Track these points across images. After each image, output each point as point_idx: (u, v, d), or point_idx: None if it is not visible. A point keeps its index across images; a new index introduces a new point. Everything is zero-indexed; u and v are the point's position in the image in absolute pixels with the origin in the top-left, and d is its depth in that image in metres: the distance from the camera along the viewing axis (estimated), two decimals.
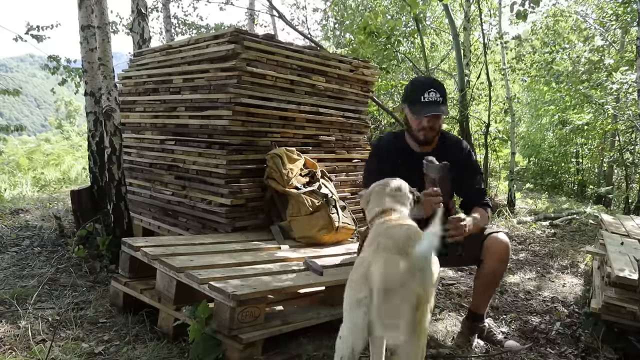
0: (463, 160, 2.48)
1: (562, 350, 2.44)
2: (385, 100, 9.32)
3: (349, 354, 1.42)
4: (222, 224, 3.17)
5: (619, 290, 2.37)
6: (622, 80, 6.91)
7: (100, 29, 3.35)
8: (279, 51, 3.44)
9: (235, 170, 3.22)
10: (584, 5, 11.67)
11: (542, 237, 5.19)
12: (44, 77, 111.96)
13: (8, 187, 7.56)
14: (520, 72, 8.98)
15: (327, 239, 3.14)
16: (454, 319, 2.78)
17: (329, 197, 3.24)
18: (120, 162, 3.36)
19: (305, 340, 2.33)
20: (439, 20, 11.65)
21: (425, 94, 2.30)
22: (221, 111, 3.25)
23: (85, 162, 8.20)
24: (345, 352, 1.43)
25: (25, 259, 3.48)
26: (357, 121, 4.08)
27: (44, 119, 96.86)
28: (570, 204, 9.24)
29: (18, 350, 2.13)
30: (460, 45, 7.63)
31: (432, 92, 2.31)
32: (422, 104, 2.31)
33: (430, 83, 2.39)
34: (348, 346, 1.42)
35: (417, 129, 2.37)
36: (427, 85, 2.34)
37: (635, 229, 3.65)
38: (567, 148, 13.36)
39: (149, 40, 5.42)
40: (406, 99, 2.40)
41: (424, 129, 2.36)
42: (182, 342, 2.25)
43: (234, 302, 2.04)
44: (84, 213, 3.77)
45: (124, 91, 4.21)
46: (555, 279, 3.72)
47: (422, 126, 2.36)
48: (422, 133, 2.38)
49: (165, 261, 2.34)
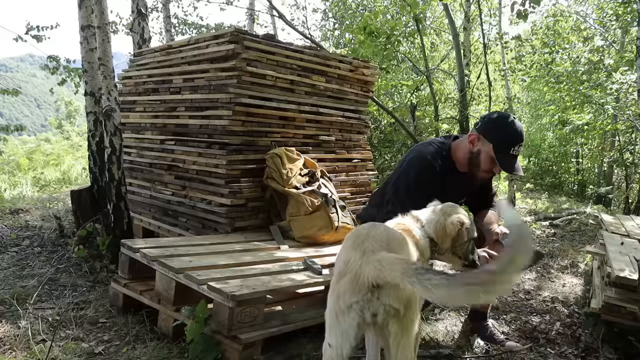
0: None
1: (562, 350, 2.44)
2: (385, 100, 9.32)
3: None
4: (222, 224, 3.17)
5: (619, 290, 2.37)
6: (622, 80, 6.90)
7: (100, 29, 3.36)
8: (279, 51, 3.44)
9: (235, 170, 3.22)
10: (584, 5, 11.67)
11: (542, 237, 5.19)
12: (44, 77, 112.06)
13: (8, 187, 7.56)
14: (520, 72, 8.98)
15: (327, 238, 3.14)
16: (454, 319, 2.78)
17: (329, 197, 3.23)
18: (120, 162, 3.36)
19: (305, 340, 2.33)
20: (439, 20, 11.65)
21: (516, 146, 2.20)
22: (221, 111, 3.25)
23: (85, 162, 8.19)
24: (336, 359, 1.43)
25: (25, 259, 3.48)
26: (357, 121, 4.08)
27: (44, 119, 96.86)
28: (570, 204, 9.23)
29: (18, 350, 2.13)
30: (460, 45, 7.64)
31: (520, 147, 2.23)
32: (510, 156, 2.20)
33: (521, 137, 2.24)
34: (339, 354, 1.41)
35: (486, 170, 2.27)
36: (519, 138, 2.23)
37: (635, 229, 3.65)
38: (567, 148, 13.35)
39: (149, 40, 5.42)
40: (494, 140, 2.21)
41: (492, 174, 2.30)
42: (182, 343, 2.25)
43: (233, 302, 2.04)
44: (84, 213, 3.77)
45: (124, 91, 4.21)
46: (555, 279, 3.72)
47: (492, 171, 2.28)
48: (485, 175, 2.31)
49: (165, 262, 2.34)
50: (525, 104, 15.18)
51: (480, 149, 2.24)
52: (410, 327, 1.41)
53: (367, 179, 4.11)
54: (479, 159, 2.25)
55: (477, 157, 2.25)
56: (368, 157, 4.20)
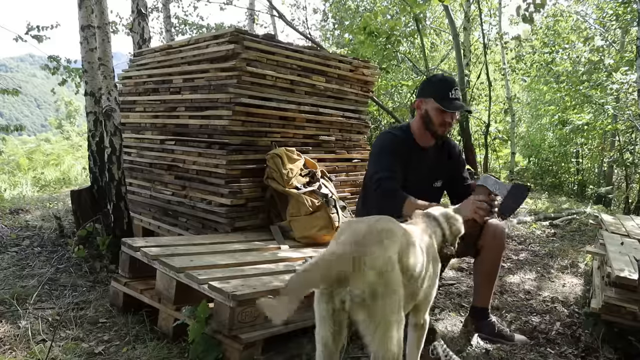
0: (458, 155, 2.68)
1: (562, 350, 2.44)
2: (385, 100, 9.33)
3: (321, 349, 1.49)
4: (222, 224, 3.17)
5: (619, 290, 2.37)
6: (622, 80, 6.91)
7: (100, 29, 3.36)
8: (279, 51, 3.44)
9: (235, 170, 3.22)
10: (584, 5, 11.67)
11: (542, 237, 5.19)
12: (44, 77, 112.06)
13: (8, 187, 7.56)
14: (520, 72, 8.99)
15: (327, 239, 3.13)
16: (454, 319, 2.78)
17: (329, 197, 3.24)
18: (120, 162, 3.36)
19: (305, 340, 2.33)
20: (439, 20, 11.65)
21: (452, 90, 2.39)
22: (221, 111, 3.25)
23: (85, 162, 8.20)
24: (318, 345, 1.50)
25: (25, 259, 3.48)
26: (357, 121, 4.08)
27: (44, 119, 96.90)
28: (570, 204, 9.22)
29: (18, 350, 2.13)
30: (460, 45, 7.64)
31: (457, 90, 2.42)
32: (450, 99, 2.38)
33: (453, 81, 2.48)
34: (319, 339, 1.49)
35: (440, 123, 2.43)
36: (453, 83, 2.45)
37: (635, 229, 3.65)
38: (567, 148, 13.36)
39: (149, 40, 5.42)
40: (431, 94, 2.42)
41: (447, 124, 2.45)
42: (182, 342, 2.25)
43: (234, 302, 2.04)
44: (84, 213, 3.77)
45: (124, 91, 4.21)
46: (555, 279, 3.72)
47: (446, 121, 2.43)
48: (442, 128, 2.45)
49: (165, 261, 2.34)
50: (525, 104, 15.18)
51: (426, 108, 2.45)
52: (383, 319, 1.42)
53: None
54: (429, 116, 2.44)
55: (427, 116, 2.45)
56: (368, 157, 4.20)
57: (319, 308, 1.46)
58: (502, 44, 8.21)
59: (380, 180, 2.29)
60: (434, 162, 2.57)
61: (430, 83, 2.56)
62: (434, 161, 2.57)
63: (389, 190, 2.25)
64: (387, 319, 1.44)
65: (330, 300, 1.42)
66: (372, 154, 2.53)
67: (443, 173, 2.61)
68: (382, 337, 1.43)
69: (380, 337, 1.43)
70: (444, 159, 2.62)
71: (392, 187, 2.26)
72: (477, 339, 2.47)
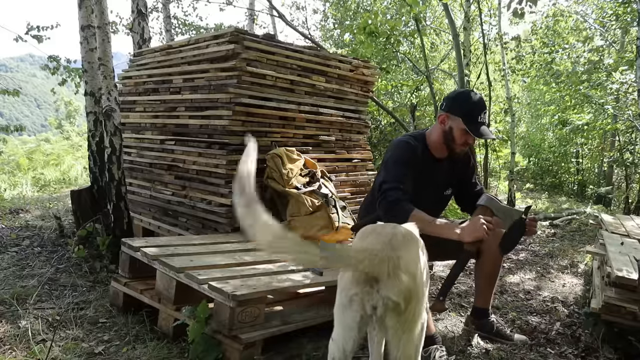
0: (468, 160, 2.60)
1: (562, 350, 2.44)
2: (385, 100, 9.33)
3: (340, 355, 1.44)
4: (222, 224, 3.17)
5: (619, 290, 2.37)
6: (622, 80, 6.90)
7: (100, 29, 3.36)
8: (279, 51, 3.44)
9: (235, 170, 3.21)
10: (584, 5, 11.67)
11: (542, 237, 5.19)
12: (44, 77, 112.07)
13: (8, 187, 7.56)
14: (520, 72, 8.99)
15: (327, 238, 3.13)
16: (454, 319, 2.79)
17: (329, 197, 3.24)
18: (120, 162, 3.36)
19: (305, 340, 2.33)
20: (439, 20, 11.65)
21: (482, 114, 2.33)
22: (221, 111, 3.25)
23: (85, 162, 8.20)
24: (336, 353, 1.45)
25: (25, 259, 3.48)
26: (357, 121, 4.08)
27: (44, 119, 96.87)
28: (570, 204, 9.24)
29: (18, 350, 2.13)
30: (460, 45, 7.63)
31: (485, 114, 2.36)
32: (478, 123, 2.32)
33: (484, 104, 2.40)
34: (339, 347, 1.44)
35: (462, 143, 2.37)
36: (484, 106, 2.37)
37: (635, 229, 3.65)
38: (567, 148, 13.36)
39: (149, 40, 5.42)
40: (461, 114, 2.32)
41: (467, 145, 2.40)
42: (182, 342, 2.25)
43: (234, 302, 2.04)
44: (84, 213, 3.77)
45: (124, 91, 4.21)
46: (555, 279, 3.72)
47: (468, 142, 2.38)
48: (462, 147, 2.40)
49: (165, 261, 2.34)
50: (525, 104, 15.18)
51: (451, 125, 2.37)
52: (412, 323, 1.41)
53: (367, 179, 4.11)
54: (452, 135, 2.37)
55: (450, 133, 2.38)
56: (368, 157, 4.20)
57: (346, 316, 1.41)
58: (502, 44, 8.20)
59: (387, 191, 2.22)
60: (446, 173, 2.51)
61: (461, 101, 2.40)
62: (447, 172, 2.51)
63: (394, 202, 2.19)
64: (416, 322, 1.43)
65: (361, 307, 1.38)
66: (385, 161, 2.43)
67: (454, 181, 2.58)
68: (408, 341, 1.41)
69: (407, 341, 1.41)
70: (457, 167, 2.56)
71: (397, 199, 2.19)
72: (477, 339, 2.48)
